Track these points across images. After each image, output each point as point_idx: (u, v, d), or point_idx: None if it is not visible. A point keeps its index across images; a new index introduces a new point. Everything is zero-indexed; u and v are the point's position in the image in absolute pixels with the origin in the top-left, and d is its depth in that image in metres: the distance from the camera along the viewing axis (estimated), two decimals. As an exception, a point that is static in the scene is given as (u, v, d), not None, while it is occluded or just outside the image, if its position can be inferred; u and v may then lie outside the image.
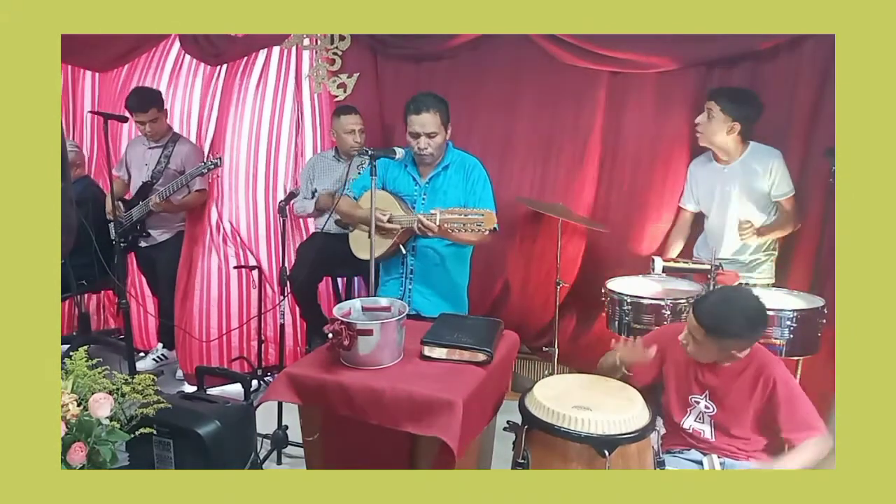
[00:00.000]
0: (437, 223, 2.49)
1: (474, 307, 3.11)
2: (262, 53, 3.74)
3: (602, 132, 3.26)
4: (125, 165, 3.88)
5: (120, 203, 3.75)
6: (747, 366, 2.03)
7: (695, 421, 2.12)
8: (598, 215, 3.31)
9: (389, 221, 2.67)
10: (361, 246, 2.89)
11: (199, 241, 3.79)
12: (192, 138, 3.89)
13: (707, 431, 2.10)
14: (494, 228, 2.66)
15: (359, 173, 3.21)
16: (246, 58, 3.74)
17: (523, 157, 3.39)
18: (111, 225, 3.66)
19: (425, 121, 2.68)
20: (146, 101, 3.60)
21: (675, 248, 3.08)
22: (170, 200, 3.59)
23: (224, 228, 3.78)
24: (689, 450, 2.13)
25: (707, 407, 2.09)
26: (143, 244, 3.82)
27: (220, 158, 3.46)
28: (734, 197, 2.84)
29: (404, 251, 2.77)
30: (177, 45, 3.93)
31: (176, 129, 3.88)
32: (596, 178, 3.31)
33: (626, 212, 3.25)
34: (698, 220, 3.08)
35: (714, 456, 2.03)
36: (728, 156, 2.84)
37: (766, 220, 2.84)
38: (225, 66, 3.80)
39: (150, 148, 3.73)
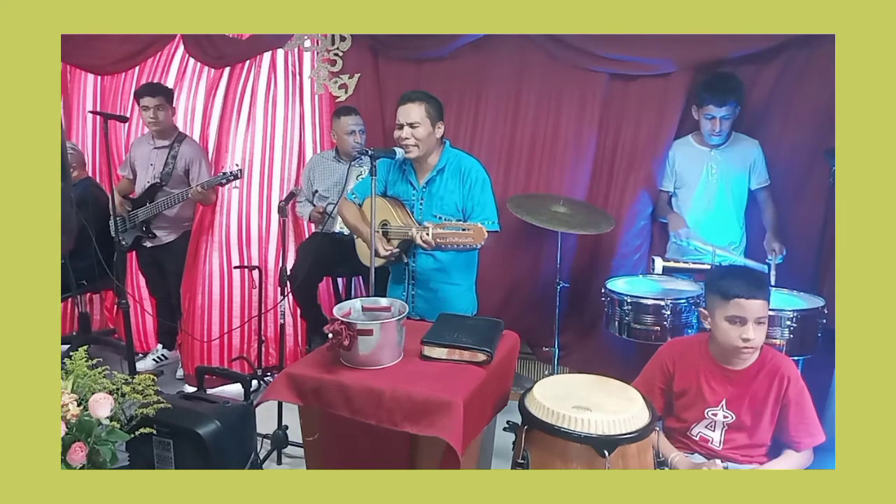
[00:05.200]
0: (431, 237, 2.42)
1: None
2: (267, 56, 3.73)
3: (602, 133, 3.26)
4: (130, 164, 3.87)
5: (125, 200, 3.75)
6: (761, 368, 2.01)
7: (704, 428, 2.09)
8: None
9: (385, 235, 2.63)
10: (364, 253, 2.89)
11: (206, 241, 3.79)
12: (197, 139, 3.89)
13: (715, 439, 2.07)
14: (496, 230, 2.64)
15: (358, 180, 3.16)
16: (250, 60, 3.73)
17: (525, 158, 3.39)
18: (114, 222, 3.66)
19: (408, 110, 2.64)
20: (155, 88, 3.65)
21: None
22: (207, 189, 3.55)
23: (228, 229, 3.78)
24: (692, 453, 2.11)
25: (725, 416, 2.05)
26: (147, 244, 3.80)
27: (240, 169, 3.42)
28: (721, 178, 2.96)
29: (405, 259, 2.74)
30: (181, 48, 3.93)
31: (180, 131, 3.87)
32: (596, 178, 3.31)
33: (626, 211, 3.25)
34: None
35: (717, 459, 2.02)
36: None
37: (742, 206, 3.02)
38: (227, 69, 3.79)
39: (155, 148, 3.72)
